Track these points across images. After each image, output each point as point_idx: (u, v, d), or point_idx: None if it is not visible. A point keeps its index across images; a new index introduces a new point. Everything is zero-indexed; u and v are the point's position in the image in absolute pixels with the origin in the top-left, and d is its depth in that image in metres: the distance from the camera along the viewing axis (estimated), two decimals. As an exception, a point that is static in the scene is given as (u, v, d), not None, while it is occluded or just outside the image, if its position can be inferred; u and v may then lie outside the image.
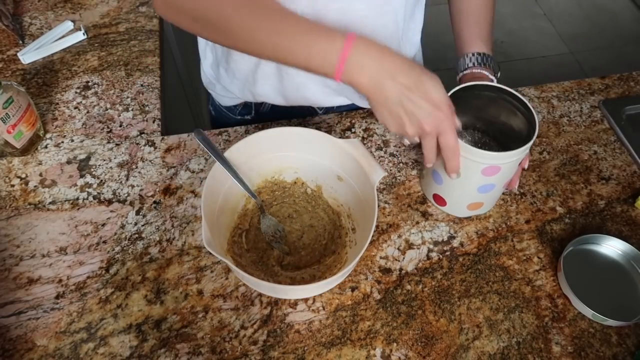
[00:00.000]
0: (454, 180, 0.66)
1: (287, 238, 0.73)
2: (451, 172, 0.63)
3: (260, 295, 0.67)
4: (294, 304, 0.67)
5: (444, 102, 0.58)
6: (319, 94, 0.82)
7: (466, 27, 0.79)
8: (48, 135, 0.83)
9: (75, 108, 0.87)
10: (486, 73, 0.75)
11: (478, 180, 0.67)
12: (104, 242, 0.71)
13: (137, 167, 0.79)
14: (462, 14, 0.80)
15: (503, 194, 0.78)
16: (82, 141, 0.82)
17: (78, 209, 0.74)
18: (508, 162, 0.65)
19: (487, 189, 0.69)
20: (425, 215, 0.76)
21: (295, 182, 0.76)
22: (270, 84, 0.81)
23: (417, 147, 0.77)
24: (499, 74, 0.77)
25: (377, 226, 0.74)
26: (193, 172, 0.78)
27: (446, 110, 0.58)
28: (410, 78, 0.57)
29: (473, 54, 0.76)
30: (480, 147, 0.63)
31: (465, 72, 0.77)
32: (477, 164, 0.65)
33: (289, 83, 0.80)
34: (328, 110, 0.91)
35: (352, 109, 0.90)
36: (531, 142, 0.63)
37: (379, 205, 0.76)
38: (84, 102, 0.87)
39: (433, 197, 0.76)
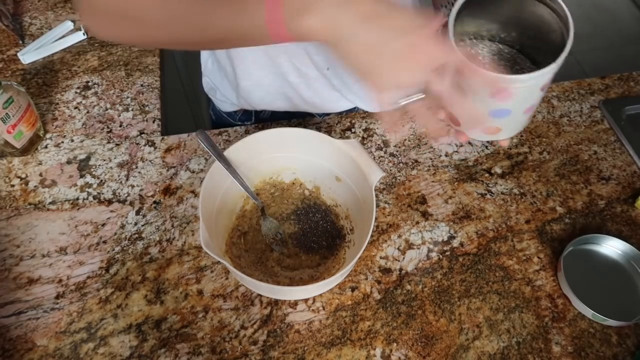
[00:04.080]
0: (464, 101, 0.56)
1: (287, 240, 0.73)
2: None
3: (260, 295, 0.67)
4: (294, 304, 0.67)
5: (423, 20, 0.45)
6: (317, 98, 0.82)
7: None
8: (48, 135, 0.83)
9: (75, 108, 0.87)
10: None
11: (488, 103, 0.57)
12: (104, 242, 0.71)
13: (137, 167, 0.79)
14: None
15: (503, 193, 0.78)
16: (82, 141, 0.82)
17: (78, 209, 0.74)
18: (520, 87, 0.53)
19: (501, 114, 0.58)
20: (425, 215, 0.76)
21: (293, 183, 0.76)
22: (267, 90, 0.81)
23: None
24: None
25: (377, 226, 0.74)
26: (193, 172, 0.78)
27: (428, 27, 0.44)
28: (371, 4, 0.44)
29: None
30: (506, 63, 0.55)
31: None
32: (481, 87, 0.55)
33: (286, 87, 0.80)
34: (327, 113, 0.91)
35: (351, 111, 0.90)
36: (557, 62, 0.50)
37: (378, 205, 0.76)
38: (84, 102, 0.87)
39: (447, 116, 0.64)
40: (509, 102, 0.56)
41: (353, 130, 0.85)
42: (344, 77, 0.77)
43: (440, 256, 0.72)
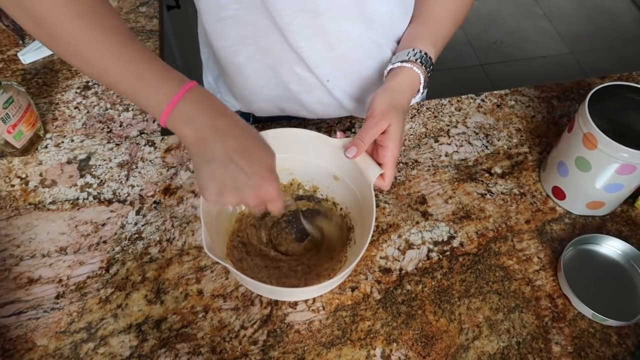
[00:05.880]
0: (581, 175, 0.64)
1: (294, 235, 0.73)
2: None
3: (260, 295, 0.67)
4: (294, 304, 0.67)
5: (270, 171, 0.55)
6: (317, 105, 0.82)
7: (421, 26, 0.72)
8: (48, 135, 0.83)
9: (76, 108, 0.87)
10: (417, 70, 0.66)
11: (608, 177, 0.64)
12: (104, 242, 0.71)
13: (137, 167, 0.79)
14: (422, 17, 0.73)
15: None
16: (82, 141, 0.82)
17: (78, 209, 0.74)
18: None
19: (614, 188, 0.66)
20: (425, 215, 0.76)
21: (290, 184, 0.76)
22: (267, 98, 0.81)
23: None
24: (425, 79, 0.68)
25: (377, 226, 0.74)
26: (193, 172, 0.78)
27: (271, 179, 0.55)
28: (239, 142, 0.53)
29: (414, 49, 0.67)
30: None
31: (394, 65, 0.67)
32: (613, 160, 0.62)
33: (286, 95, 0.79)
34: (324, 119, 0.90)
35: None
36: None
37: (378, 205, 0.76)
38: (84, 102, 0.87)
39: (552, 189, 0.75)
40: (628, 177, 0.63)
41: (353, 130, 0.85)
42: (344, 88, 0.77)
43: (440, 256, 0.72)
